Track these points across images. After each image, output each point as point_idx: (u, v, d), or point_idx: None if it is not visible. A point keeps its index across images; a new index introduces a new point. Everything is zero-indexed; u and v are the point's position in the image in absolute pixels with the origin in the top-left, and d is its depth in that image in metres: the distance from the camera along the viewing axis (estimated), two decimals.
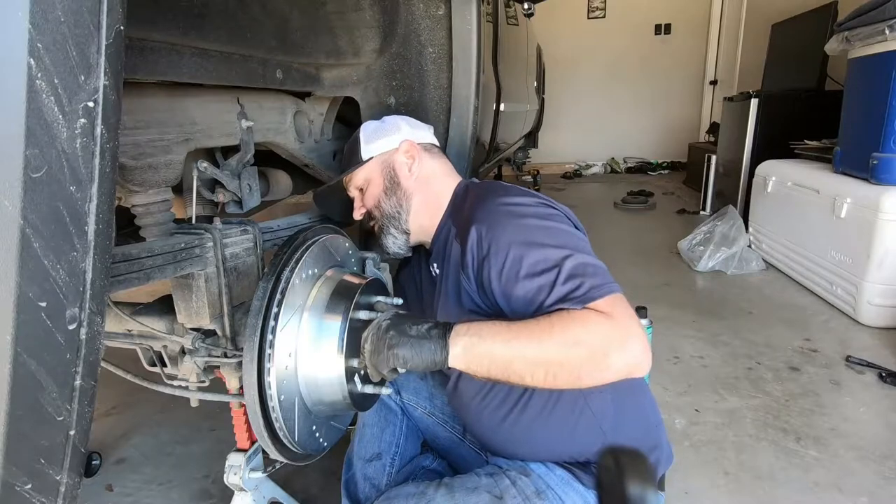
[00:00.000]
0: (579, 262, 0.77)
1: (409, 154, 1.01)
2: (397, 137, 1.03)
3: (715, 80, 6.29)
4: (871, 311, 2.12)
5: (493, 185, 0.96)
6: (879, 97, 2.09)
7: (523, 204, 0.86)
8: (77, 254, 0.41)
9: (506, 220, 0.84)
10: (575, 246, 0.80)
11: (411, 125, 1.06)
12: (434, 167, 1.03)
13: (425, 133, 1.08)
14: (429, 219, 1.01)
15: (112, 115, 0.41)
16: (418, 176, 1.01)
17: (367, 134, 1.04)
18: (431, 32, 1.26)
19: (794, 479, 1.31)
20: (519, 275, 0.78)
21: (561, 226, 0.84)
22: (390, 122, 1.06)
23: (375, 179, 1.03)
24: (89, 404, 0.46)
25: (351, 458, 1.09)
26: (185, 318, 0.90)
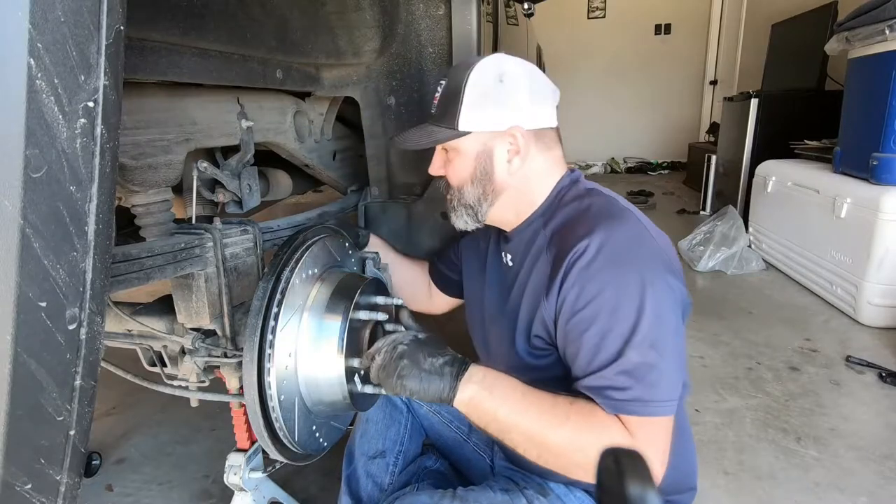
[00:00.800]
0: (647, 363, 0.68)
1: (516, 147, 0.83)
2: (510, 116, 0.82)
3: (715, 80, 6.29)
4: (871, 311, 2.12)
5: (606, 203, 0.81)
6: (879, 97, 2.09)
7: (638, 255, 0.73)
8: (77, 254, 0.41)
9: (609, 267, 0.72)
10: (658, 342, 0.69)
11: (534, 98, 0.83)
12: (539, 164, 0.86)
13: (546, 110, 0.85)
14: (515, 215, 0.89)
15: (112, 115, 0.41)
16: (518, 174, 0.85)
17: (475, 95, 0.81)
18: (431, 32, 1.26)
19: (794, 479, 1.31)
20: (586, 331, 0.71)
21: (661, 310, 0.70)
22: (510, 86, 0.82)
23: (466, 159, 0.85)
24: (89, 404, 0.46)
25: (353, 452, 1.07)
26: (185, 318, 0.90)
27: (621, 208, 0.80)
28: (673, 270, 0.75)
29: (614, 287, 0.70)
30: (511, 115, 0.82)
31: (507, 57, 0.86)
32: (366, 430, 1.08)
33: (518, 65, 0.85)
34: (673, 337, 0.71)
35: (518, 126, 0.82)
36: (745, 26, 5.48)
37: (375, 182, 1.43)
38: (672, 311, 0.72)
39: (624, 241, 0.73)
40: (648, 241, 0.75)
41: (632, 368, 0.68)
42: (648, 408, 0.68)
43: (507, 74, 0.82)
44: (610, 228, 0.74)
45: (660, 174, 6.43)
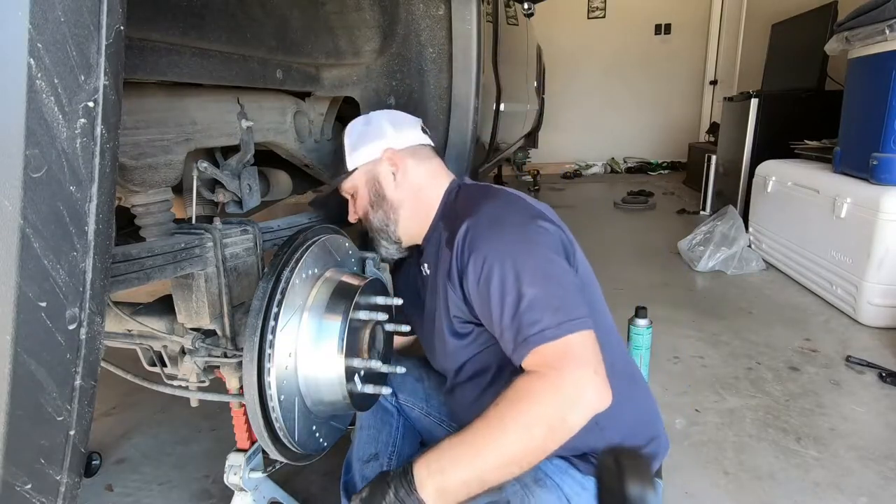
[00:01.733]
0: (545, 293, 0.75)
1: (393, 163, 0.98)
2: (380, 145, 0.99)
3: (715, 80, 6.29)
4: (871, 311, 2.12)
5: (484, 190, 0.94)
6: (879, 97, 2.09)
7: (509, 215, 0.84)
8: (77, 254, 0.41)
9: (487, 233, 0.82)
10: (548, 273, 0.78)
11: (396, 126, 1.02)
12: (421, 173, 1.00)
13: (411, 133, 1.03)
14: (418, 225, 1.00)
15: (112, 115, 0.41)
16: (404, 186, 0.99)
17: (352, 140, 1.02)
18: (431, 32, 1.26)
19: (794, 479, 1.31)
20: (489, 292, 0.78)
21: (540, 247, 0.80)
22: (374, 124, 1.02)
23: (361, 191, 1.02)
24: (89, 404, 0.46)
25: (350, 460, 1.10)
26: (185, 318, 0.90)
27: (495, 189, 0.93)
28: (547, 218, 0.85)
29: (495, 242, 0.80)
30: (381, 142, 0.99)
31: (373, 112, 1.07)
32: (360, 437, 1.11)
33: (381, 112, 1.06)
34: (560, 265, 0.79)
35: (390, 148, 0.99)
36: (745, 26, 5.48)
37: None
38: (551, 247, 0.81)
39: (495, 208, 0.85)
40: (518, 202, 0.88)
41: (534, 302, 0.74)
42: (561, 329, 0.72)
43: (370, 118, 1.03)
44: (483, 204, 0.87)
45: (660, 174, 6.43)
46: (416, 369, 1.18)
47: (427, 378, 1.17)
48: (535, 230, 0.82)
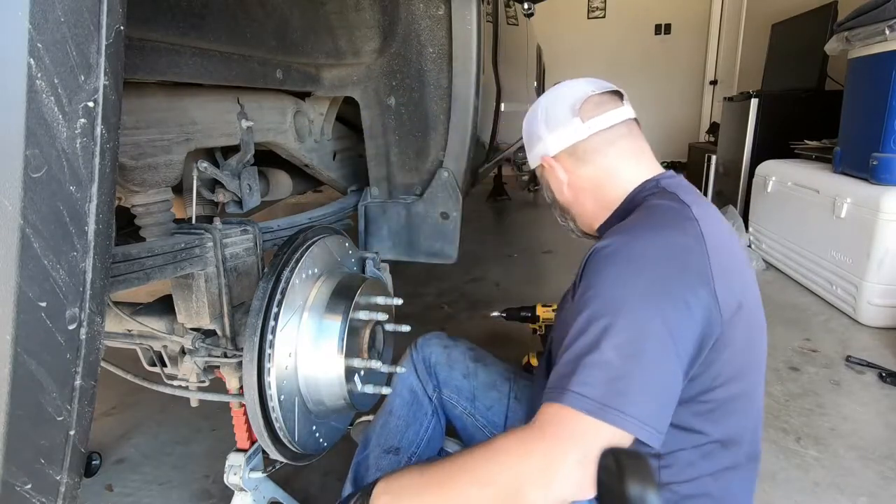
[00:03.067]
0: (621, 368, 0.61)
1: (552, 173, 0.90)
2: (538, 151, 0.92)
3: (715, 80, 6.29)
4: (871, 311, 2.12)
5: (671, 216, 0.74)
6: (879, 97, 2.09)
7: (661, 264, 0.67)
8: (77, 254, 0.41)
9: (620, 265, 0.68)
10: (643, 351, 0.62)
11: (550, 125, 0.88)
12: (587, 176, 0.87)
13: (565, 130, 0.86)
14: (594, 221, 0.92)
15: (112, 115, 0.41)
16: (568, 190, 0.91)
17: (525, 139, 0.96)
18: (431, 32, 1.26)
19: (794, 479, 1.31)
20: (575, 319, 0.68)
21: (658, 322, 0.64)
22: (533, 121, 0.92)
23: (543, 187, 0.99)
24: (89, 404, 0.46)
25: (369, 439, 1.06)
26: (185, 318, 0.90)
27: (681, 216, 0.72)
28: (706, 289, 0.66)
29: (616, 282, 0.66)
30: (539, 148, 0.91)
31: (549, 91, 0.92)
32: (386, 422, 1.08)
33: (544, 97, 0.92)
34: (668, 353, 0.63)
35: (545, 156, 0.90)
36: (745, 26, 5.48)
37: (375, 182, 1.43)
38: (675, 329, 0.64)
39: (652, 246, 0.68)
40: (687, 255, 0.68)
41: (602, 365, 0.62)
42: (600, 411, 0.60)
43: (531, 113, 0.93)
44: (648, 232, 0.70)
45: None
46: (464, 364, 1.13)
47: (475, 376, 1.12)
48: (669, 298, 0.65)
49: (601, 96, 0.86)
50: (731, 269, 0.71)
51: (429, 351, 1.15)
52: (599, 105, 0.85)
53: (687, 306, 0.65)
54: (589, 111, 0.85)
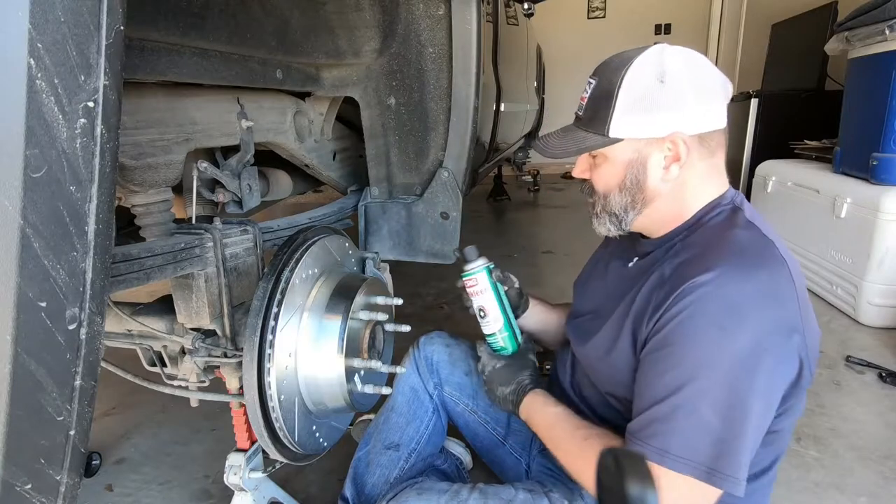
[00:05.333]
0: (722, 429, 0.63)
1: (675, 154, 0.74)
2: (672, 121, 0.72)
3: None
4: (871, 311, 2.12)
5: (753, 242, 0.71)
6: (879, 97, 2.09)
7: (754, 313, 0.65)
8: (77, 254, 0.41)
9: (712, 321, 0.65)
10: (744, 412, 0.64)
11: (700, 98, 0.72)
12: (699, 172, 0.76)
13: (715, 109, 0.73)
14: (660, 226, 0.81)
15: (112, 115, 0.41)
16: (671, 180, 0.76)
17: (632, 98, 0.73)
18: (431, 32, 1.26)
19: (794, 479, 1.31)
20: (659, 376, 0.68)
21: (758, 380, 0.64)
22: (672, 84, 0.71)
23: (616, 166, 0.78)
24: (89, 404, 0.46)
25: (370, 435, 1.07)
26: (185, 318, 0.90)
27: (771, 255, 0.69)
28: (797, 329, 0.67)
29: (709, 343, 0.65)
30: (673, 119, 0.72)
31: (669, 50, 0.74)
32: (387, 419, 1.08)
33: (683, 59, 0.73)
34: (763, 409, 0.66)
35: (679, 132, 0.73)
36: (745, 26, 5.48)
37: (375, 182, 1.43)
38: (772, 382, 0.66)
39: (749, 297, 0.65)
40: (781, 303, 0.66)
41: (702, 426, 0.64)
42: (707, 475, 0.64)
43: (669, 73, 0.72)
44: (742, 275, 0.66)
45: None
46: (466, 362, 1.13)
47: (475, 374, 1.12)
48: (772, 349, 0.64)
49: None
50: (809, 309, 0.71)
51: (431, 349, 1.15)
52: (728, 97, 0.75)
53: (787, 356, 0.66)
54: (727, 100, 0.75)
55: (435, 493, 0.82)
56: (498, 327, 0.94)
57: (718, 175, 0.78)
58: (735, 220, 0.74)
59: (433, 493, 0.82)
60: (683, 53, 0.74)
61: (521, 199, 5.16)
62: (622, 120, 0.74)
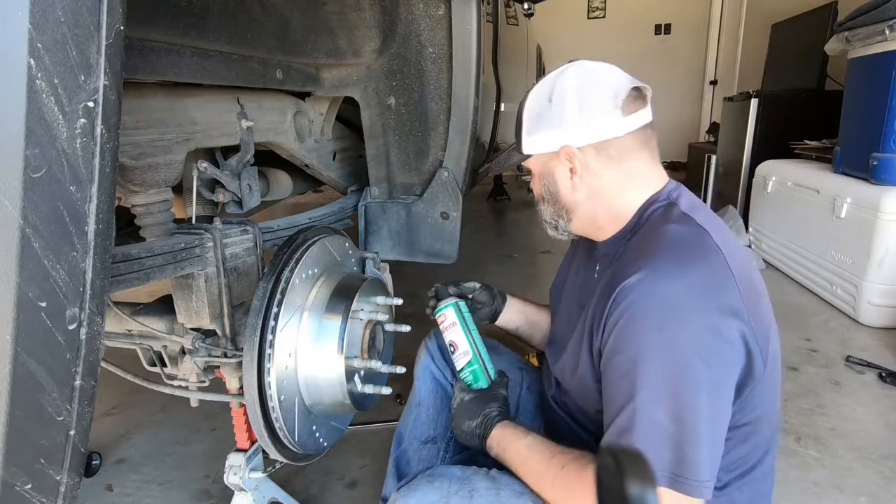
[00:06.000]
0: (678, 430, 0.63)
1: (571, 164, 0.79)
2: (558, 137, 0.78)
3: (715, 80, 6.29)
4: (871, 311, 2.12)
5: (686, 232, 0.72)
6: (879, 97, 2.09)
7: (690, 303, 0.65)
8: (77, 254, 0.41)
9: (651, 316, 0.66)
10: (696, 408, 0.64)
11: (585, 110, 0.76)
12: (610, 179, 0.79)
13: (605, 120, 0.76)
14: (598, 230, 0.84)
15: (112, 115, 0.41)
16: (583, 190, 0.80)
17: (531, 118, 0.82)
18: (431, 32, 1.26)
19: (794, 479, 1.31)
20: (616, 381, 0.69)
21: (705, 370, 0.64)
22: (557, 104, 0.77)
23: (536, 179, 0.86)
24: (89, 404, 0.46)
25: (403, 434, 1.06)
26: (185, 318, 0.90)
27: (703, 245, 0.70)
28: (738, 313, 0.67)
29: (653, 338, 0.66)
30: (559, 134, 0.78)
31: (570, 68, 0.80)
32: (418, 414, 1.07)
33: (576, 77, 0.79)
34: (718, 402, 0.65)
35: (567, 146, 0.78)
36: (745, 26, 5.48)
37: (375, 182, 1.43)
38: (721, 369, 0.65)
39: (681, 290, 0.66)
40: (718, 294, 0.66)
41: (657, 431, 0.64)
42: (670, 481, 0.63)
43: (557, 92, 0.78)
44: (672, 271, 0.67)
45: None
46: None
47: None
48: (711, 348, 0.65)
49: (636, 91, 0.78)
50: (757, 296, 0.71)
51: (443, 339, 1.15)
52: (636, 101, 0.78)
53: (731, 347, 0.66)
54: (629, 106, 0.77)
55: (446, 480, 0.80)
56: (467, 360, 0.95)
57: (645, 175, 0.80)
58: (668, 215, 0.75)
59: (444, 480, 0.80)
60: (581, 71, 0.79)
61: (521, 199, 5.15)
62: (527, 139, 0.83)
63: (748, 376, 0.69)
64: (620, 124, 0.77)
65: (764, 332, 0.69)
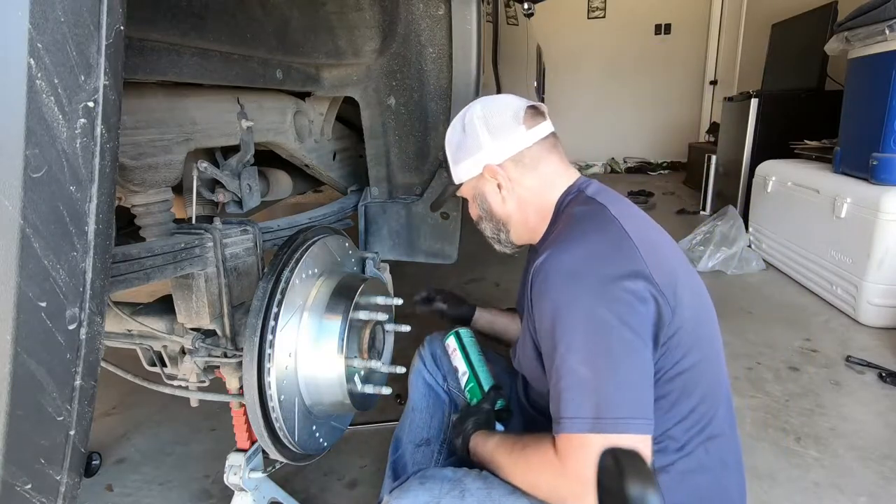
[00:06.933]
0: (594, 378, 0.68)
1: (497, 182, 0.89)
2: (479, 159, 0.89)
3: (715, 80, 6.29)
4: (871, 311, 2.12)
5: (587, 212, 0.81)
6: (879, 97, 2.09)
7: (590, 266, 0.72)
8: (77, 254, 0.41)
9: (557, 282, 0.73)
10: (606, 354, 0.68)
11: (493, 132, 0.88)
12: (531, 183, 0.89)
13: (511, 137, 0.88)
14: (532, 232, 0.93)
15: (112, 115, 0.41)
16: (512, 200, 0.90)
17: (452, 152, 0.94)
18: (431, 32, 1.26)
19: (794, 479, 1.31)
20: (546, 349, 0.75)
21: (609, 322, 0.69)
22: (470, 133, 0.90)
23: (472, 202, 0.97)
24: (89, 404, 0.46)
25: (400, 439, 1.10)
26: (185, 318, 0.91)
27: (600, 217, 0.79)
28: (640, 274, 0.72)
29: (561, 299, 0.72)
30: (480, 155, 0.88)
31: (474, 104, 0.92)
32: (412, 419, 1.11)
33: (480, 107, 0.90)
34: (625, 347, 0.69)
35: (489, 164, 0.88)
36: (745, 26, 5.48)
37: (375, 182, 1.43)
38: (625, 320, 0.69)
39: (581, 256, 0.74)
40: (614, 251, 0.74)
41: (576, 383, 0.69)
42: (592, 425, 0.67)
43: (467, 122, 0.90)
44: (572, 242, 0.76)
45: (660, 174, 6.43)
46: None
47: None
48: (613, 297, 0.70)
49: (533, 108, 0.89)
50: (659, 253, 0.77)
51: (435, 346, 1.18)
52: (535, 116, 0.89)
53: (634, 296, 0.71)
54: (529, 121, 0.88)
55: (438, 482, 0.81)
56: (464, 380, 1.06)
57: (559, 175, 0.90)
58: (576, 200, 0.85)
59: (436, 482, 0.81)
60: (483, 103, 0.91)
61: None
62: (455, 168, 0.93)
63: (658, 321, 0.73)
64: (527, 136, 0.87)
65: (667, 280, 0.74)
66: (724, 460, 0.81)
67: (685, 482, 0.77)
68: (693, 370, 0.77)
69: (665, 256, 0.78)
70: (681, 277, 0.77)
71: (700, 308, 0.80)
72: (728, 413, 0.83)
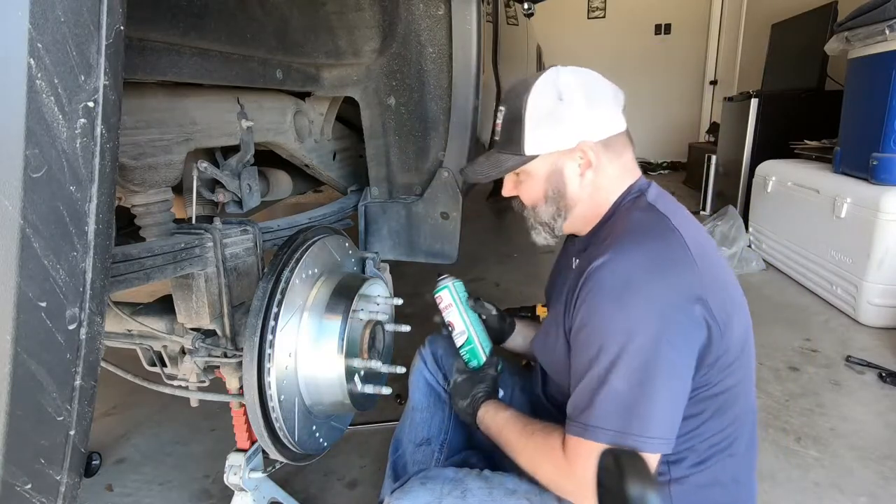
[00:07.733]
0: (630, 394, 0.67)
1: (587, 161, 0.81)
2: (576, 133, 0.80)
3: (715, 80, 6.29)
4: (871, 311, 2.12)
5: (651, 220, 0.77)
6: (879, 97, 2.09)
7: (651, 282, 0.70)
8: (77, 254, 0.41)
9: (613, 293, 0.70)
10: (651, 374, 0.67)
11: (593, 105, 0.80)
12: (610, 174, 0.83)
13: (610, 114, 0.82)
14: (586, 223, 0.88)
15: (112, 115, 0.41)
16: (589, 185, 0.83)
17: (537, 117, 0.81)
18: (431, 32, 1.26)
19: (794, 479, 1.31)
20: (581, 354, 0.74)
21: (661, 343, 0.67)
22: (568, 101, 0.80)
23: (538, 180, 0.85)
24: (89, 404, 0.46)
25: (400, 439, 1.09)
26: (185, 318, 0.91)
27: (662, 227, 0.75)
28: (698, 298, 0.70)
29: (614, 312, 0.70)
30: (576, 130, 0.80)
31: (563, 70, 0.84)
32: (413, 418, 1.10)
33: (575, 77, 0.83)
34: (671, 370, 0.68)
35: (585, 141, 0.80)
36: (745, 26, 5.48)
37: (375, 182, 1.43)
38: (677, 344, 0.68)
39: (641, 268, 0.71)
40: (675, 269, 0.71)
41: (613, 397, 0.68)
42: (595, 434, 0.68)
43: (566, 90, 0.81)
44: (633, 250, 0.73)
45: (660, 174, 6.43)
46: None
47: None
48: (669, 319, 0.68)
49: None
50: (716, 273, 0.75)
51: (437, 345, 1.16)
52: (621, 104, 0.83)
53: (689, 320, 0.69)
54: (621, 105, 0.83)
55: (439, 482, 0.82)
56: (463, 339, 1.00)
57: (629, 171, 0.85)
58: (637, 204, 0.81)
59: (437, 482, 0.82)
60: (576, 72, 0.84)
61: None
62: (533, 138, 0.82)
63: (707, 345, 0.71)
64: (621, 121, 0.83)
65: (721, 305, 0.72)
66: (736, 477, 0.80)
67: (698, 495, 0.77)
68: (729, 392, 0.76)
69: (718, 271, 0.76)
70: (734, 297, 0.77)
71: (747, 332, 0.79)
72: (751, 436, 0.82)
